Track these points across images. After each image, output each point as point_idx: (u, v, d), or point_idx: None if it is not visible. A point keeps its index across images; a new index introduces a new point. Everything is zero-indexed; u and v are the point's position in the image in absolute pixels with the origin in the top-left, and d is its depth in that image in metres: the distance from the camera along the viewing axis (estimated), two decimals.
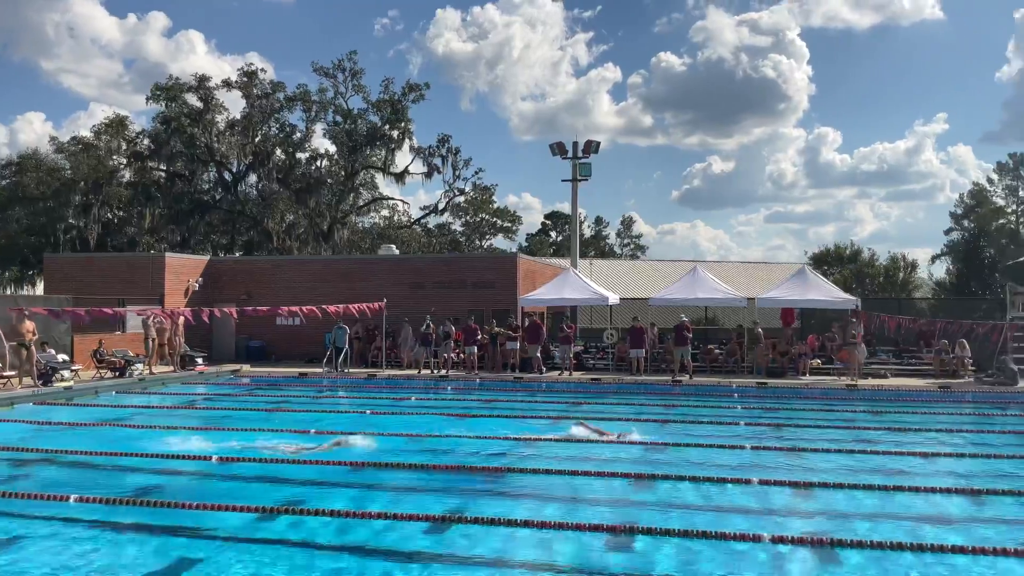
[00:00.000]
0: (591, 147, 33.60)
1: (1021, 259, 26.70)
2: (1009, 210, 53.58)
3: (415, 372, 23.45)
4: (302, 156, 49.72)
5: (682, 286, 24.39)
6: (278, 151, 48.77)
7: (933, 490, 9.17)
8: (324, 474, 10.05)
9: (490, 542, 7.33)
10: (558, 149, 33.65)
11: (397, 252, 34.86)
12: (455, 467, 10.37)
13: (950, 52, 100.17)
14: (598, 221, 79.40)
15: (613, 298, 25.46)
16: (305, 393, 19.67)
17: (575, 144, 33.53)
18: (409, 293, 26.69)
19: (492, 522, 7.72)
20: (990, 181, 55.06)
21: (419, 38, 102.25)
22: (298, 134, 49.58)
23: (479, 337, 23.71)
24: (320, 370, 23.36)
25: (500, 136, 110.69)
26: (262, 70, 49.05)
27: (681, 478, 9.72)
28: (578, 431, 13.18)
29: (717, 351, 24.45)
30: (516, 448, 11.96)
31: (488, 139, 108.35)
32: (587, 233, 75.08)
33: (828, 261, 55.46)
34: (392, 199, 56.35)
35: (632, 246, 79.39)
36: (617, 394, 19.43)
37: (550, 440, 12.46)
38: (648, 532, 7.37)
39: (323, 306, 21.59)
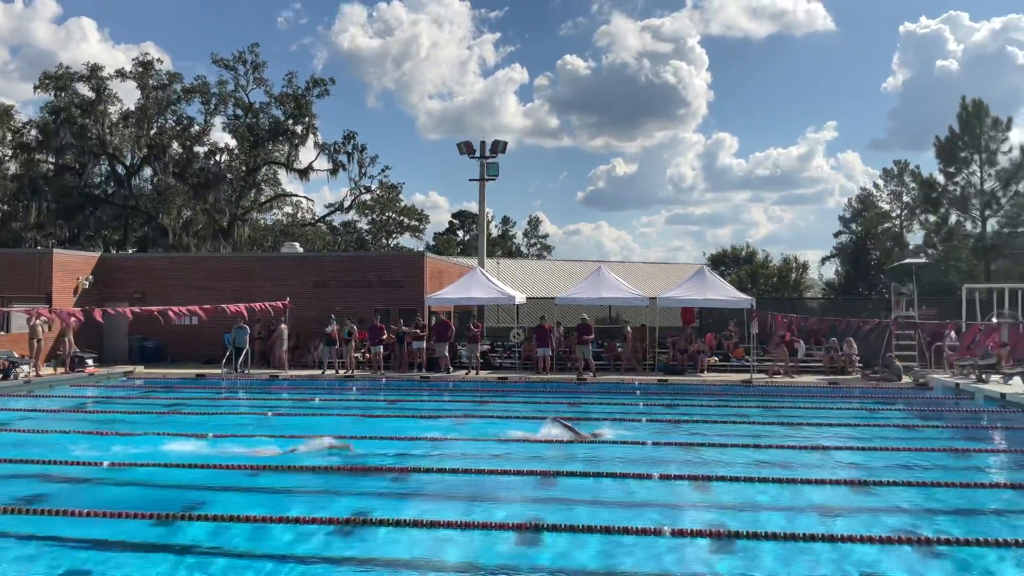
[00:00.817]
0: (499, 147, 33.72)
1: (904, 261, 28.25)
2: (894, 214, 56.52)
3: (319, 373, 23.05)
4: (200, 150, 48.12)
5: (587, 286, 24.78)
6: (175, 144, 47.03)
7: (823, 482, 9.59)
8: (221, 478, 9.76)
9: (393, 544, 7.27)
10: (466, 148, 33.63)
11: (301, 250, 34.17)
12: (358, 469, 10.24)
13: (840, 62, 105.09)
14: (505, 221, 79.84)
15: (520, 297, 25.65)
16: (203, 395, 19.05)
17: (483, 144, 33.60)
18: (313, 292, 26.20)
19: (397, 524, 7.66)
20: (876, 187, 57.96)
21: (324, 33, 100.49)
22: (196, 127, 47.96)
23: (385, 336, 23.49)
24: (219, 371, 22.67)
25: (407, 134, 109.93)
26: (158, 60, 47.34)
27: (586, 475, 9.86)
28: (552, 430, 12.94)
29: (620, 349, 24.93)
30: (420, 448, 11.88)
31: (395, 137, 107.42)
32: (494, 233, 75.35)
33: (725, 262, 57.35)
34: (295, 196, 55.23)
35: (539, 246, 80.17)
36: (523, 392, 19.57)
37: (456, 440, 12.44)
38: (553, 529, 7.45)
39: (222, 305, 20.96)
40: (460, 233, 76.85)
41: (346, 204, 53.44)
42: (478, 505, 8.75)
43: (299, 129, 48.78)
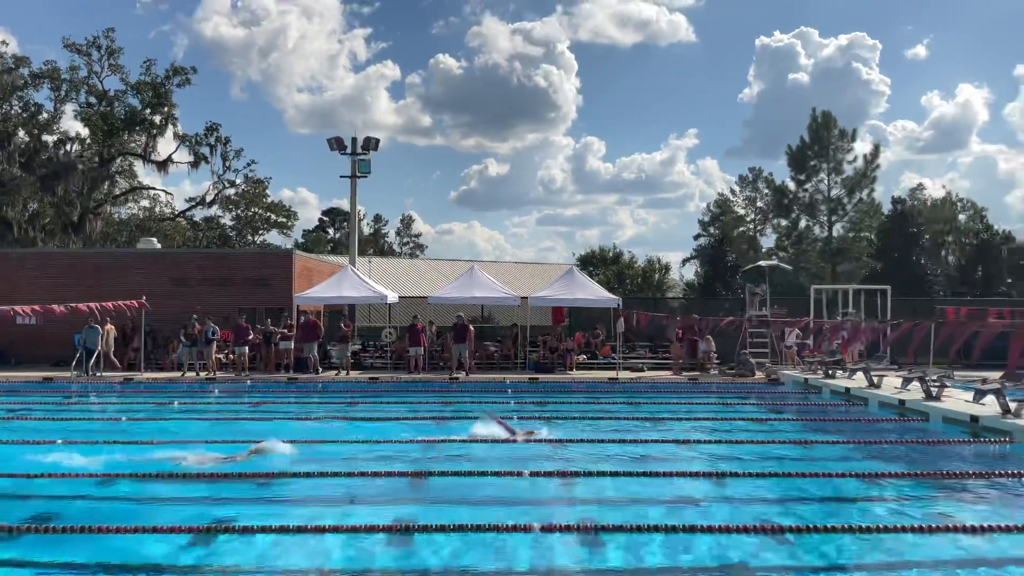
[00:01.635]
0: (370, 144, 33.22)
1: (758, 263, 29.79)
2: (748, 219, 59.64)
3: (179, 375, 22.03)
4: (49, 139, 44.90)
5: (460, 285, 24.83)
6: (21, 132, 43.80)
7: (684, 474, 9.98)
8: (72, 488, 9.17)
9: (254, 551, 7.04)
10: (336, 144, 32.94)
11: (159, 246, 32.58)
12: (219, 475, 9.86)
13: (701, 73, 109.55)
14: (377, 219, 78.90)
15: (392, 296, 25.41)
16: (50, 400, 17.85)
17: (354, 140, 33.01)
18: (172, 290, 25.04)
19: (262, 530, 7.42)
20: (733, 192, 61.05)
21: (185, 20, 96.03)
22: (45, 115, 44.89)
23: (251, 337, 22.72)
24: (69, 374, 21.28)
25: (274, 128, 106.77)
26: (3, 43, 44.01)
27: (458, 474, 9.87)
28: (488, 429, 12.76)
29: (492, 348, 25.14)
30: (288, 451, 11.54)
31: (261, 130, 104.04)
32: (366, 231, 74.30)
33: (593, 262, 58.83)
34: (153, 189, 52.61)
35: (411, 245, 79.69)
36: (395, 392, 19.40)
37: (326, 442, 12.18)
38: (423, 530, 7.41)
39: (72, 304, 19.69)
40: (331, 231, 75.35)
41: (208, 198, 51.29)
42: (346, 508, 8.61)
43: (157, 119, 46.43)
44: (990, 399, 13.92)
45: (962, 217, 57.21)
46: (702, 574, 6.57)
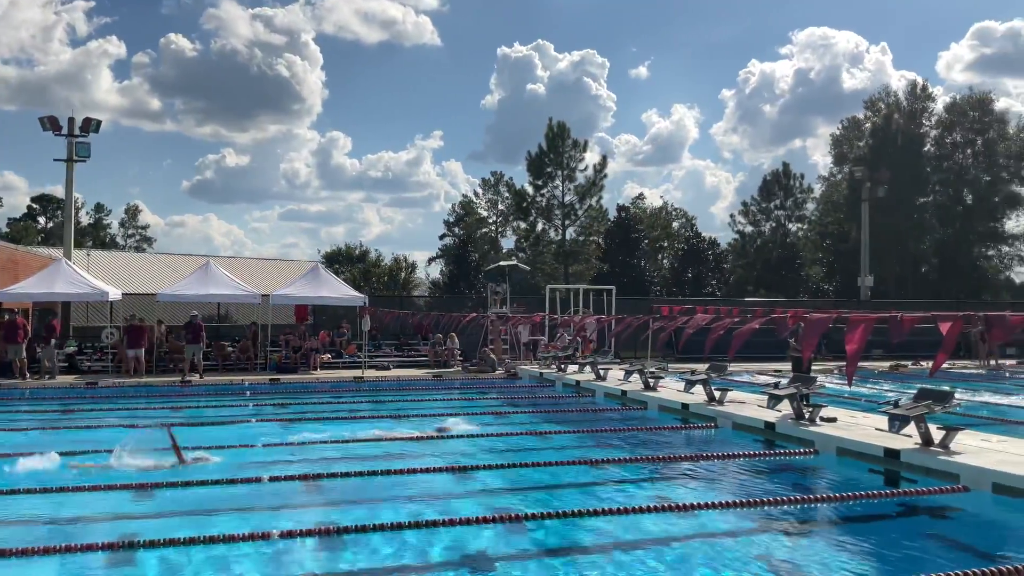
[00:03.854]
0: (90, 125, 30.21)
1: (499, 263, 31.00)
2: (491, 221, 61.79)
3: None
4: None
5: (194, 281, 23.32)
6: None
7: (429, 470, 10.15)
8: None
9: None
10: (50, 124, 29.58)
11: None
12: None
13: (446, 77, 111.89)
14: (99, 208, 71.86)
15: (114, 293, 23.27)
16: None
17: (71, 120, 29.83)
18: None
19: None
20: (476, 194, 62.90)
21: None
22: None
23: None
24: None
25: None
26: None
27: (188, 484, 9.28)
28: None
29: (230, 348, 23.94)
30: None
31: None
32: (84, 221, 67.48)
33: (340, 260, 58.00)
34: None
35: (138, 237, 73.54)
36: (115, 398, 17.86)
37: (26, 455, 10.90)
38: (151, 545, 6.88)
39: None
40: (42, 220, 67.68)
41: None
42: (56, 527, 7.79)
43: None
44: (698, 388, 15.57)
45: (675, 224, 63.49)
46: (446, 569, 6.71)
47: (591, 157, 50.66)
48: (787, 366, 18.94)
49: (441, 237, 61.46)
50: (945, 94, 60.39)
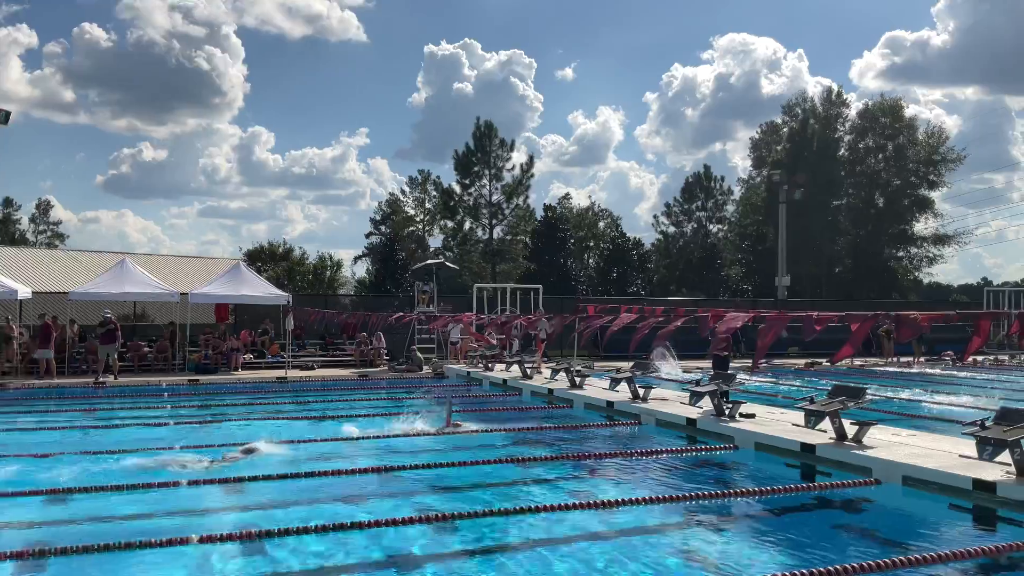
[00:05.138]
0: (0, 116, 28.88)
1: (426, 262, 30.84)
2: (418, 219, 61.44)
3: None
4: None
5: (108, 279, 22.51)
6: None
7: (352, 472, 10.02)
8: None
9: None
10: None
11: None
12: None
13: (372, 73, 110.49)
14: (8, 203, 68.56)
15: (24, 291, 22.26)
16: None
17: None
18: None
19: None
20: (403, 192, 62.47)
21: None
22: None
23: None
24: None
25: None
26: None
27: (101, 489, 8.94)
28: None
29: (146, 349, 23.21)
30: None
31: None
32: None
33: (262, 258, 56.70)
34: None
35: (50, 234, 70.50)
36: (23, 401, 17.12)
37: None
38: (62, 553, 6.62)
39: None
40: None
41: None
42: None
43: None
44: (623, 386, 15.80)
45: (601, 224, 64.29)
46: (371, 570, 6.64)
47: (518, 157, 50.99)
48: (708, 364, 19.38)
49: (367, 235, 60.81)
50: (858, 100, 62.97)
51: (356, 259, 61.16)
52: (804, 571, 6.03)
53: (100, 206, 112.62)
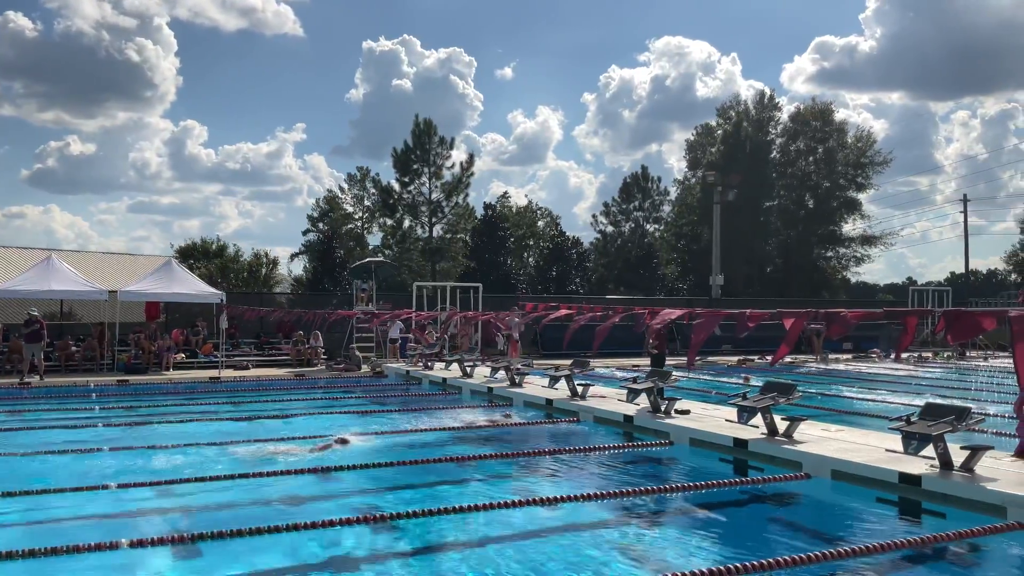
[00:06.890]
0: None
1: (365, 260, 30.58)
2: (356, 216, 60.83)
3: None
4: None
5: (34, 276, 21.72)
6: None
7: (289, 472, 9.88)
8: None
9: None
10: None
11: None
12: None
13: (309, 69, 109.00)
14: None
15: None
16: None
17: None
18: None
19: None
20: (341, 190, 61.74)
21: None
22: None
23: None
24: None
25: None
26: None
27: (26, 493, 8.65)
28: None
29: (74, 348, 22.50)
30: None
31: None
32: None
33: (195, 255, 55.37)
34: None
35: None
36: None
37: None
38: (9, 557, 6.38)
39: None
40: None
41: None
42: None
43: None
44: (562, 384, 15.92)
45: (540, 223, 64.62)
46: (310, 571, 6.57)
47: (458, 155, 50.86)
48: (646, 361, 19.66)
49: (305, 232, 59.93)
50: (789, 104, 64.60)
51: (293, 256, 60.28)
52: (737, 564, 6.17)
53: (25, 201, 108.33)
